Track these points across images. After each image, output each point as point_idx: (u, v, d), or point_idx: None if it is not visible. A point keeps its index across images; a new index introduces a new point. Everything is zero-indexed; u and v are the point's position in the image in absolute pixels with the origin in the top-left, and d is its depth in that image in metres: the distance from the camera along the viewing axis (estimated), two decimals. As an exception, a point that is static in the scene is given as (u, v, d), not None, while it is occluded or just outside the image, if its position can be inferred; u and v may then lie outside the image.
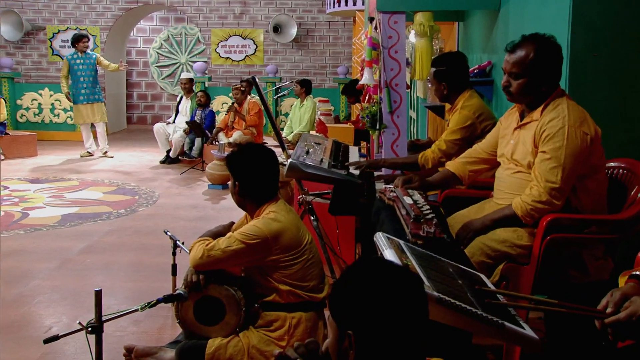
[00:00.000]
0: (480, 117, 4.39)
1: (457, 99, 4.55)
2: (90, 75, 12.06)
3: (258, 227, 3.24)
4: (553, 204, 3.05)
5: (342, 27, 15.23)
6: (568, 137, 3.03)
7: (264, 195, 3.42)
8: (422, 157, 4.39)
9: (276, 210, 3.32)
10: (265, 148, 3.54)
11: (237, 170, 3.43)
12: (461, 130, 4.37)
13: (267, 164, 3.43)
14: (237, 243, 3.22)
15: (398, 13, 5.00)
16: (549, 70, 3.17)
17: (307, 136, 5.24)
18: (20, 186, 9.45)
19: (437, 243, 2.83)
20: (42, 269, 5.83)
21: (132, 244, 6.65)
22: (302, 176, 4.38)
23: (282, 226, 3.27)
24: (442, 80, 4.56)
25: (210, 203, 8.66)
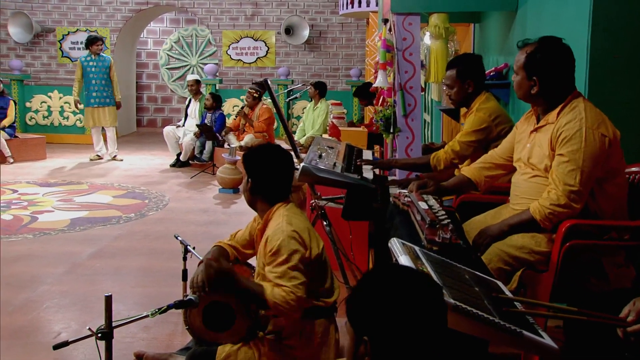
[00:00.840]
0: (496, 120, 4.36)
1: (473, 102, 4.53)
2: (102, 78, 12.10)
3: (289, 238, 3.19)
4: (572, 207, 3.04)
5: (355, 29, 15.23)
6: (586, 139, 3.02)
7: (276, 196, 3.41)
8: (434, 158, 4.37)
9: (288, 214, 3.31)
10: (282, 149, 3.54)
11: (251, 167, 3.43)
12: (476, 133, 4.35)
13: (282, 164, 3.43)
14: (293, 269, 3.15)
15: (413, 14, 4.99)
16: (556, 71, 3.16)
17: (319, 140, 5.24)
18: (29, 189, 9.49)
19: (453, 249, 2.81)
20: (51, 273, 5.85)
21: (142, 249, 6.65)
22: (315, 180, 4.37)
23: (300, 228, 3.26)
24: (467, 77, 4.51)
25: (221, 207, 8.67)
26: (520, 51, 3.26)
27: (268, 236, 3.24)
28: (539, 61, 3.17)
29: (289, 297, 3.06)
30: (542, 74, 3.17)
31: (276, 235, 3.18)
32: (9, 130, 12.13)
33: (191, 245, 4.52)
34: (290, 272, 3.11)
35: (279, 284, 3.09)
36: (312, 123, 11.42)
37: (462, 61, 4.64)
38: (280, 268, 3.11)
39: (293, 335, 3.28)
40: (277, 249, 3.13)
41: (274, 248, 3.14)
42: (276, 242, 3.15)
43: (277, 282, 3.10)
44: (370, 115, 10.22)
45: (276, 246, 3.14)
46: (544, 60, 3.16)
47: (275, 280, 3.10)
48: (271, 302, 3.07)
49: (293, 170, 3.51)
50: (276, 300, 3.06)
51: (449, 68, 4.62)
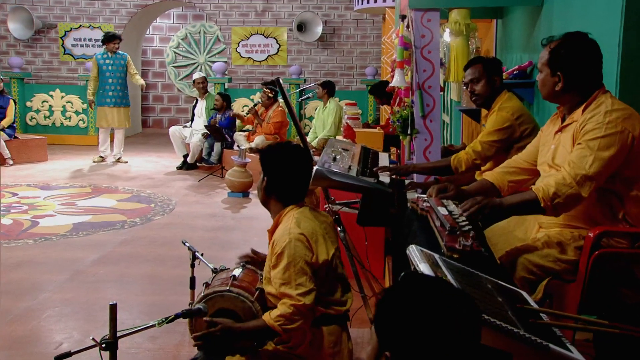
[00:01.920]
0: (519, 119, 4.36)
1: (494, 102, 4.52)
2: (119, 77, 12.20)
3: (295, 241, 3.20)
4: (577, 190, 2.96)
5: (370, 26, 15.23)
6: (606, 129, 2.99)
7: (291, 197, 3.41)
8: (455, 159, 4.37)
9: (298, 216, 3.31)
10: (302, 148, 3.54)
11: (268, 165, 3.43)
12: (498, 132, 4.34)
13: (300, 164, 3.43)
14: (299, 274, 3.16)
15: (432, 10, 4.98)
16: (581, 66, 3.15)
17: (333, 142, 5.24)
18: (30, 193, 9.54)
19: (475, 257, 2.80)
20: (53, 281, 5.87)
21: (148, 255, 6.68)
22: (329, 184, 4.36)
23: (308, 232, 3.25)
24: (493, 72, 4.53)
25: (229, 212, 8.69)
26: (545, 48, 3.25)
27: (275, 238, 3.25)
28: (563, 56, 3.16)
29: (289, 311, 3.07)
30: (567, 69, 3.16)
31: (282, 238, 3.19)
32: (8, 130, 12.20)
33: (199, 252, 4.52)
34: (296, 278, 3.11)
35: (283, 293, 3.10)
36: (323, 123, 11.42)
37: (484, 58, 4.67)
38: (285, 273, 3.12)
39: (302, 345, 3.28)
40: (281, 251, 3.14)
41: (278, 251, 3.15)
42: (282, 244, 3.16)
43: (281, 291, 3.11)
44: (387, 115, 10.21)
45: (280, 249, 3.15)
46: (568, 55, 3.15)
47: (280, 289, 3.11)
48: (277, 328, 3.09)
49: (311, 171, 3.51)
50: (279, 323, 3.08)
51: (471, 64, 4.61)
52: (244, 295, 3.33)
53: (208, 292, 3.38)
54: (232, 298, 3.33)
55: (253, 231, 7.68)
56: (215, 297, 3.34)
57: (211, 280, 3.57)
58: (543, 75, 3.27)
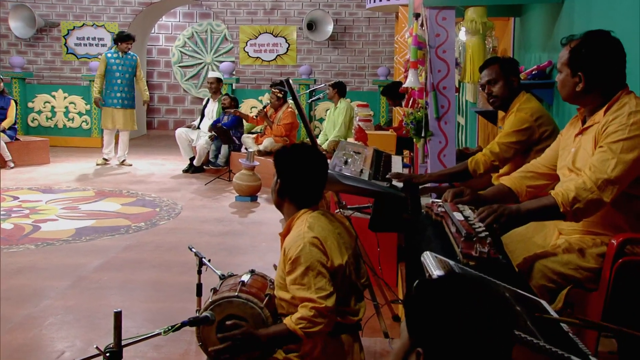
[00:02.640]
0: (538, 120, 4.34)
1: (512, 103, 4.51)
2: (128, 78, 12.25)
3: (310, 245, 3.20)
4: (599, 195, 2.94)
5: (383, 24, 15.24)
6: (630, 130, 2.97)
7: (305, 200, 3.41)
8: (473, 162, 4.35)
9: (312, 220, 3.31)
10: (317, 150, 3.55)
11: (282, 166, 3.44)
12: (517, 133, 4.32)
13: (315, 166, 3.43)
14: (318, 278, 3.16)
15: (447, 8, 4.97)
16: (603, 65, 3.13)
17: (345, 144, 5.23)
18: (31, 196, 9.57)
19: (492, 264, 2.78)
20: (54, 287, 5.89)
21: (153, 261, 6.69)
22: (340, 189, 4.36)
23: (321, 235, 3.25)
24: (511, 72, 4.51)
25: (237, 217, 8.70)
26: (565, 47, 3.23)
27: (288, 243, 3.25)
28: (584, 55, 3.14)
29: (310, 314, 3.06)
30: (588, 68, 3.14)
31: (296, 242, 3.18)
32: (9, 132, 12.24)
33: (206, 257, 4.52)
34: (315, 282, 3.11)
35: (303, 298, 3.09)
36: (333, 124, 11.42)
37: (501, 59, 4.66)
38: (304, 279, 3.11)
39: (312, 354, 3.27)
40: (297, 256, 3.14)
41: (293, 256, 3.14)
42: (296, 249, 3.16)
43: (301, 296, 3.10)
44: (400, 117, 10.21)
45: (295, 254, 3.14)
46: (589, 54, 3.13)
47: (299, 294, 3.10)
48: (299, 332, 3.08)
49: (326, 173, 3.51)
50: (301, 327, 3.07)
51: (488, 65, 4.60)
52: (253, 301, 3.34)
53: (216, 298, 3.38)
54: (241, 304, 3.34)
55: (261, 236, 7.68)
56: (224, 303, 3.35)
57: (219, 287, 3.58)
58: (563, 75, 3.25)
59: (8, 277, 6.07)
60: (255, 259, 6.72)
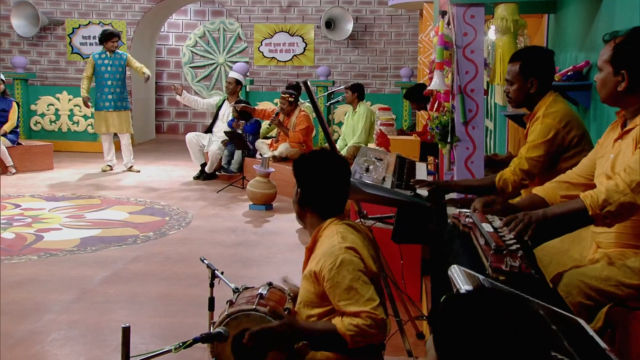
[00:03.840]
0: (567, 126, 4.26)
1: (537, 105, 4.44)
2: (118, 79, 12.26)
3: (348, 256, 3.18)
4: (632, 198, 2.91)
5: (406, 22, 15.23)
6: None
7: (329, 209, 3.40)
8: (500, 179, 4.30)
9: (343, 230, 3.30)
10: (338, 155, 3.54)
11: (302, 175, 3.43)
12: (545, 145, 4.26)
13: (337, 172, 3.42)
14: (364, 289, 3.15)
15: (476, 5, 4.96)
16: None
17: (366, 150, 5.23)
18: (34, 204, 9.62)
19: (524, 279, 2.77)
20: (58, 301, 5.91)
21: (162, 273, 6.70)
22: (361, 197, 4.36)
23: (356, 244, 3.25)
24: (531, 74, 4.41)
25: (251, 226, 8.70)
26: (606, 45, 3.20)
27: (319, 259, 3.21)
28: (629, 52, 3.10)
29: (366, 323, 3.05)
30: (633, 67, 3.10)
31: (332, 255, 3.16)
32: (10, 136, 12.28)
33: (219, 270, 4.52)
34: (364, 294, 3.10)
35: (355, 312, 3.07)
36: (353, 129, 11.40)
37: (529, 54, 4.53)
38: (350, 293, 3.09)
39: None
40: (336, 271, 3.11)
41: (334, 270, 3.11)
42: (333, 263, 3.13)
43: (352, 310, 3.07)
44: (424, 122, 10.20)
45: (335, 268, 3.11)
46: (635, 52, 3.10)
47: (350, 309, 3.08)
48: (347, 337, 3.06)
49: (349, 179, 3.50)
50: (352, 333, 3.05)
51: (512, 61, 4.53)
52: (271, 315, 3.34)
53: (232, 311, 3.38)
54: (259, 318, 3.34)
55: (277, 247, 7.69)
56: (240, 316, 3.35)
57: (235, 299, 3.58)
58: (604, 74, 3.22)
59: (9, 290, 6.10)
60: (270, 271, 6.72)
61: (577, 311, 2.92)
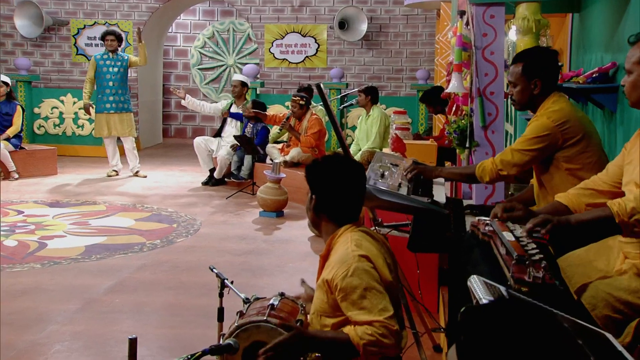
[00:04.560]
0: (563, 126, 4.21)
1: (541, 105, 4.41)
2: (120, 79, 12.27)
3: (361, 263, 3.17)
4: None
5: (422, 22, 15.21)
6: None
7: (344, 216, 3.40)
8: (480, 168, 4.36)
9: (358, 237, 3.29)
10: (352, 159, 3.54)
11: (315, 181, 3.43)
12: (535, 140, 4.23)
13: (352, 178, 3.41)
14: (377, 298, 3.14)
15: (496, 5, 4.96)
16: None
17: (381, 156, 5.21)
18: (37, 210, 9.65)
19: (547, 291, 2.75)
20: (62, 310, 5.91)
21: (169, 282, 6.70)
22: (376, 204, 4.35)
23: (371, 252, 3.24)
24: (534, 75, 4.37)
25: (261, 234, 8.69)
26: (634, 46, 3.18)
27: (332, 266, 3.21)
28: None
29: (379, 332, 3.03)
30: None
31: (345, 263, 3.15)
32: (13, 140, 12.27)
33: (228, 279, 4.51)
34: (377, 304, 3.08)
35: (368, 321, 3.05)
36: (367, 134, 11.38)
37: (531, 55, 4.49)
38: (364, 302, 3.09)
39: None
40: (349, 280, 3.11)
41: (345, 280, 3.11)
42: (345, 271, 3.12)
43: (364, 320, 3.06)
44: (441, 126, 10.18)
45: (348, 276, 3.11)
46: None
47: (363, 318, 3.06)
48: (360, 347, 3.03)
49: (365, 184, 3.49)
50: (365, 342, 3.02)
51: (514, 62, 4.50)
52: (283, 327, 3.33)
53: (243, 322, 3.38)
54: (270, 330, 3.33)
55: (288, 256, 7.67)
56: (251, 327, 3.35)
57: (246, 310, 3.58)
58: (634, 76, 3.20)
59: (11, 299, 6.10)
60: (281, 280, 6.71)
61: (604, 324, 2.90)
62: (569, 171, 4.17)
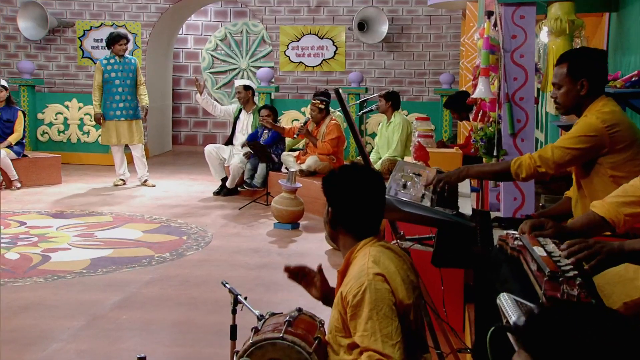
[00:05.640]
0: (612, 129, 4.14)
1: (588, 108, 4.35)
2: (129, 85, 12.29)
3: (375, 282, 3.16)
4: None
5: (447, 23, 15.18)
6: None
7: (363, 229, 3.39)
8: (516, 163, 4.25)
9: (376, 252, 3.28)
10: (371, 169, 3.52)
11: (332, 193, 3.42)
12: (580, 139, 4.14)
13: (371, 189, 3.40)
14: (383, 322, 3.13)
15: (526, 4, 4.94)
16: None
17: (403, 165, 5.19)
18: (40, 222, 9.68)
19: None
20: (66, 327, 5.91)
21: (179, 298, 6.70)
22: (398, 216, 4.33)
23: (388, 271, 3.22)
24: (581, 75, 4.28)
25: (276, 247, 8.69)
26: None
27: (347, 282, 3.21)
28: None
29: None
30: None
31: (358, 280, 3.15)
32: (16, 147, 12.30)
33: (242, 295, 4.50)
34: (381, 328, 3.07)
35: (367, 347, 3.04)
36: (387, 142, 11.33)
37: (577, 54, 4.44)
38: (368, 323, 3.08)
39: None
40: (360, 299, 3.10)
41: (356, 300, 3.11)
42: (357, 288, 3.12)
43: (365, 345, 3.05)
44: (466, 133, 10.15)
45: (358, 297, 3.10)
46: None
47: (364, 343, 3.06)
48: None
49: (384, 196, 3.48)
50: None
51: (559, 62, 4.43)
52: (300, 344, 3.31)
53: (258, 339, 3.38)
54: (286, 348, 3.32)
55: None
56: (266, 345, 3.34)
57: (261, 326, 3.57)
58: None
59: (12, 316, 6.11)
60: (297, 296, 6.65)
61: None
62: (613, 178, 4.08)
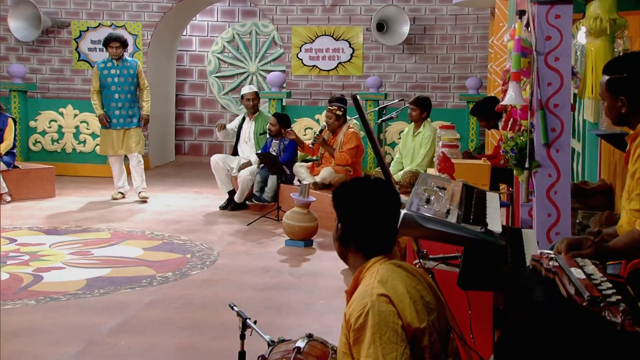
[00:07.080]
0: None
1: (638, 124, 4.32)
2: (128, 90, 12.28)
3: (379, 304, 3.15)
4: None
5: (474, 23, 15.17)
6: None
7: (374, 247, 3.38)
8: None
9: (385, 272, 3.26)
10: (384, 183, 3.51)
11: (342, 208, 3.42)
12: None
13: (383, 205, 3.39)
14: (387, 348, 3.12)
15: (562, 3, 4.92)
16: None
17: (426, 177, 5.19)
18: (32, 238, 9.70)
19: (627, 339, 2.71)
20: (60, 354, 5.92)
21: (183, 321, 6.69)
22: (420, 234, 4.31)
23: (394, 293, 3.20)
24: (619, 93, 4.21)
25: (287, 266, 8.68)
26: None
27: (352, 303, 3.21)
28: None
29: None
30: None
31: (362, 301, 3.15)
32: (6, 158, 12.27)
33: (250, 318, 4.49)
34: (384, 355, 3.05)
35: None
36: (412, 154, 11.29)
37: (615, 67, 4.28)
38: (370, 349, 3.06)
39: None
40: (363, 322, 3.10)
41: (358, 323, 3.10)
42: (360, 310, 3.12)
43: None
44: (495, 143, 10.13)
45: (362, 317, 3.10)
46: None
47: None
48: None
49: (399, 211, 3.47)
50: None
51: (603, 72, 4.35)
52: None
53: None
54: None
55: (318, 291, 7.65)
56: None
57: (268, 354, 3.57)
58: None
59: (1, 342, 6.09)
60: (310, 320, 6.68)
61: None
62: None
